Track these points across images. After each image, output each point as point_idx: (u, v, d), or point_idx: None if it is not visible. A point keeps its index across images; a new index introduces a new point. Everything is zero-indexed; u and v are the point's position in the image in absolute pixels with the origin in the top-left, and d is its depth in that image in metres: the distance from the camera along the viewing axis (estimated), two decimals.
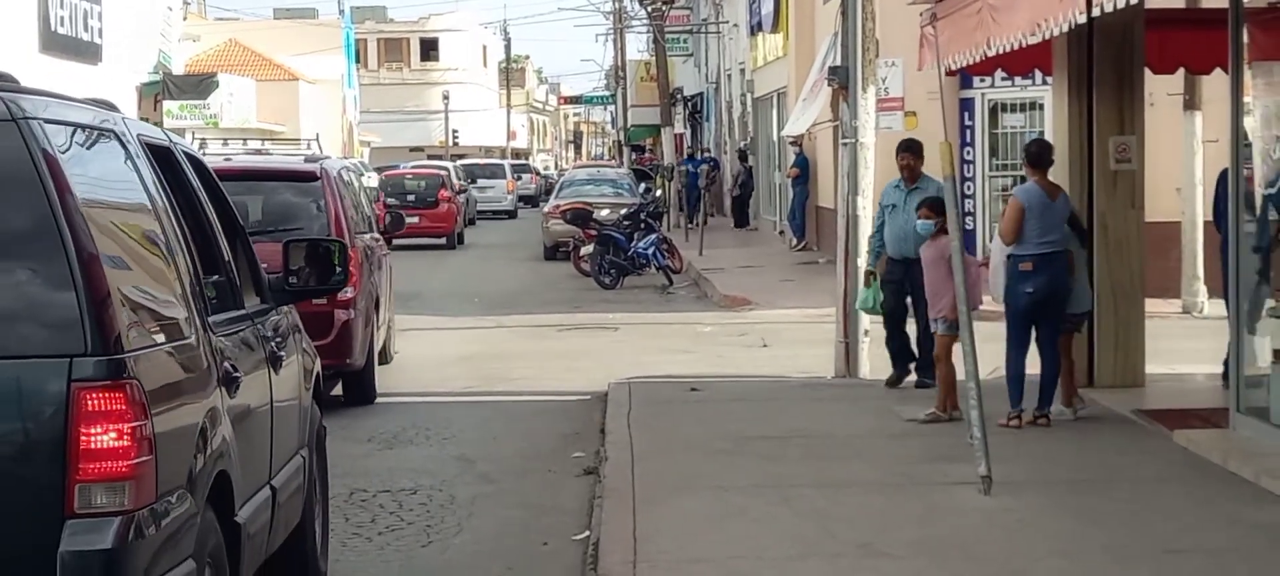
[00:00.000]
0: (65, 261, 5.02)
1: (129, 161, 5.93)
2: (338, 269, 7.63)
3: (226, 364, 6.19)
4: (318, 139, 22.19)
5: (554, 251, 33.14)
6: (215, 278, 6.62)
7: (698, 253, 31.78)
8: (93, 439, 4.96)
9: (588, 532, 9.40)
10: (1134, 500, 9.59)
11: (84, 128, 5.66)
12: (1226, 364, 11.92)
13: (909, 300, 13.79)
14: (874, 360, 14.91)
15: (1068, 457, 10.92)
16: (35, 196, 5.06)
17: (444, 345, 19.06)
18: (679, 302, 24.79)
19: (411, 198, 39.01)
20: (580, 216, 29.11)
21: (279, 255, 7.72)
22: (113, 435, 4.98)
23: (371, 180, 37.88)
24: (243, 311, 6.87)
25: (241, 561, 6.16)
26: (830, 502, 9.56)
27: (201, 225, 6.67)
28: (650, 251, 27.42)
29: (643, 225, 28.43)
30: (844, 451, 11.24)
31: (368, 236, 15.92)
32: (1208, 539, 8.69)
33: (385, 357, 16.64)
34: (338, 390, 14.41)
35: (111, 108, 6.09)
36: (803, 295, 23.23)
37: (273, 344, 7.16)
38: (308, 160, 15.50)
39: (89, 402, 4.96)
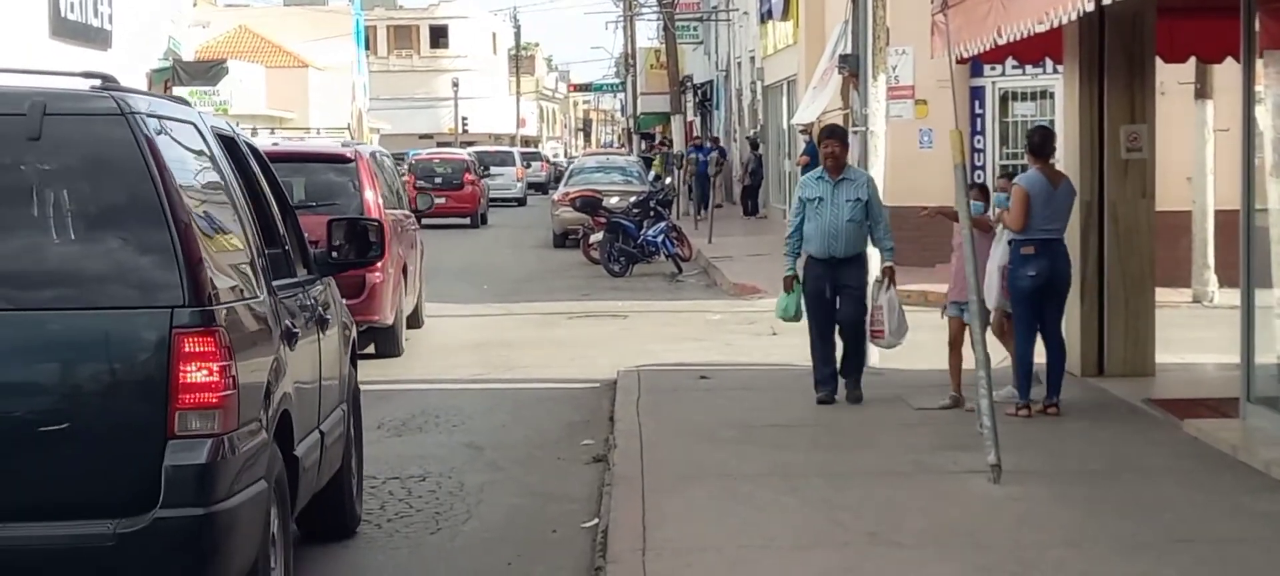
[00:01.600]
0: (166, 230, 6.05)
1: (206, 148, 6.99)
2: (374, 244, 8.56)
3: (287, 321, 7.24)
4: (318, 132, 23.13)
5: (563, 239, 33.13)
6: (273, 249, 7.58)
7: (707, 240, 31.77)
8: (189, 375, 6.00)
9: (597, 520, 9.40)
10: (1143, 489, 9.58)
11: (172, 119, 6.65)
12: None
13: (837, 305, 12.47)
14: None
15: (1077, 447, 10.91)
16: (141, 177, 6.09)
17: (453, 332, 19.06)
18: (688, 290, 24.79)
19: (438, 180, 41.72)
20: (589, 204, 29.09)
21: (319, 227, 8.92)
22: (205, 372, 6.02)
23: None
24: (295, 279, 7.91)
25: (298, 489, 7.31)
26: (838, 491, 9.56)
27: (261, 203, 7.70)
28: (659, 239, 27.40)
29: (652, 213, 28.40)
30: (852, 440, 11.24)
31: (398, 212, 17.81)
32: (1217, 528, 8.69)
33: (416, 321, 18.73)
34: (370, 350, 15.99)
35: (112, 82, 6.55)
36: None
37: (319, 309, 8.19)
38: (344, 144, 18.04)
39: (186, 345, 5.99)
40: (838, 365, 12.58)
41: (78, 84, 6.51)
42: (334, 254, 8.54)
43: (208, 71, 43.48)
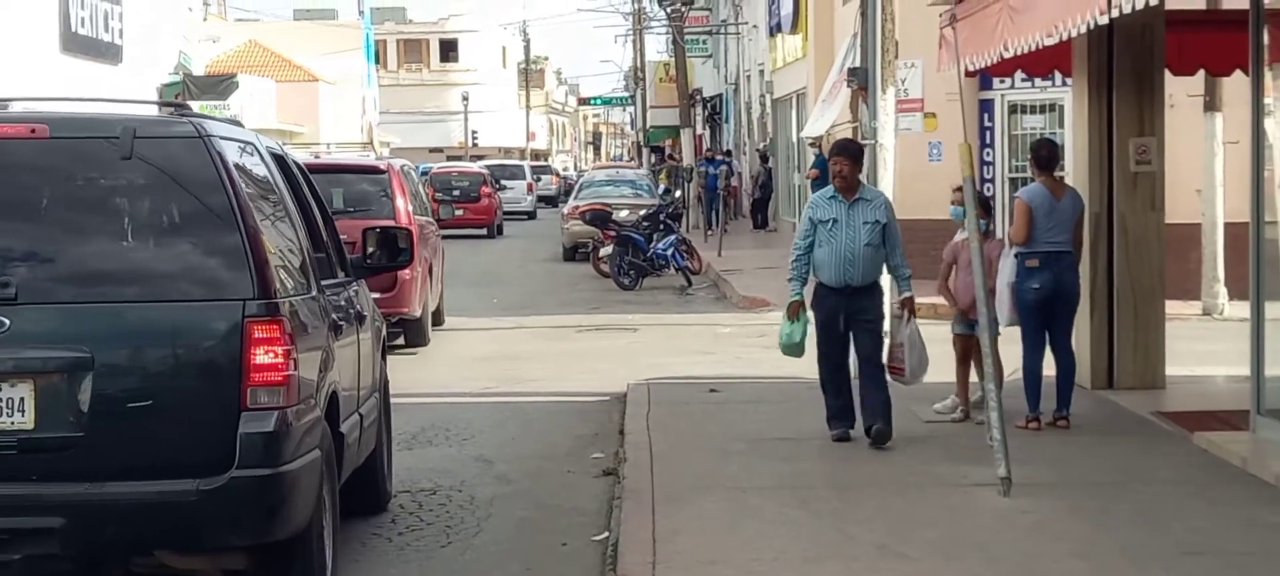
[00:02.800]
0: (238, 234, 7.10)
1: (265, 166, 8.12)
2: (403, 250, 9.54)
3: (332, 315, 8.30)
4: (329, 148, 24.48)
5: (573, 252, 33.15)
6: (318, 253, 8.60)
7: (717, 254, 31.78)
8: (258, 357, 7.02)
9: (607, 533, 9.41)
10: (1152, 502, 9.57)
11: (237, 140, 7.76)
12: None
13: (852, 338, 11.38)
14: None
15: (1086, 459, 10.91)
16: (216, 190, 7.16)
17: (462, 345, 19.09)
18: (698, 304, 24.79)
19: (457, 193, 44.14)
20: (599, 217, 29.09)
21: (354, 229, 10.43)
22: (271, 355, 7.05)
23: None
24: (337, 280, 8.93)
25: (343, 461, 8.31)
26: (848, 504, 9.56)
27: (307, 212, 8.74)
28: (669, 252, 27.42)
29: (662, 226, 28.42)
30: (862, 453, 11.23)
31: (423, 218, 20.14)
32: (1226, 541, 8.68)
33: (439, 319, 20.54)
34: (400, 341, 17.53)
35: (186, 109, 7.85)
36: None
37: (358, 307, 9.26)
38: (377, 159, 21.36)
39: (256, 332, 7.02)
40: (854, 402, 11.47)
41: (157, 111, 7.96)
42: (369, 258, 9.52)
43: (218, 86, 43.60)
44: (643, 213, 30.37)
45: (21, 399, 6.89)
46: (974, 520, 9.11)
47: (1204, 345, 16.34)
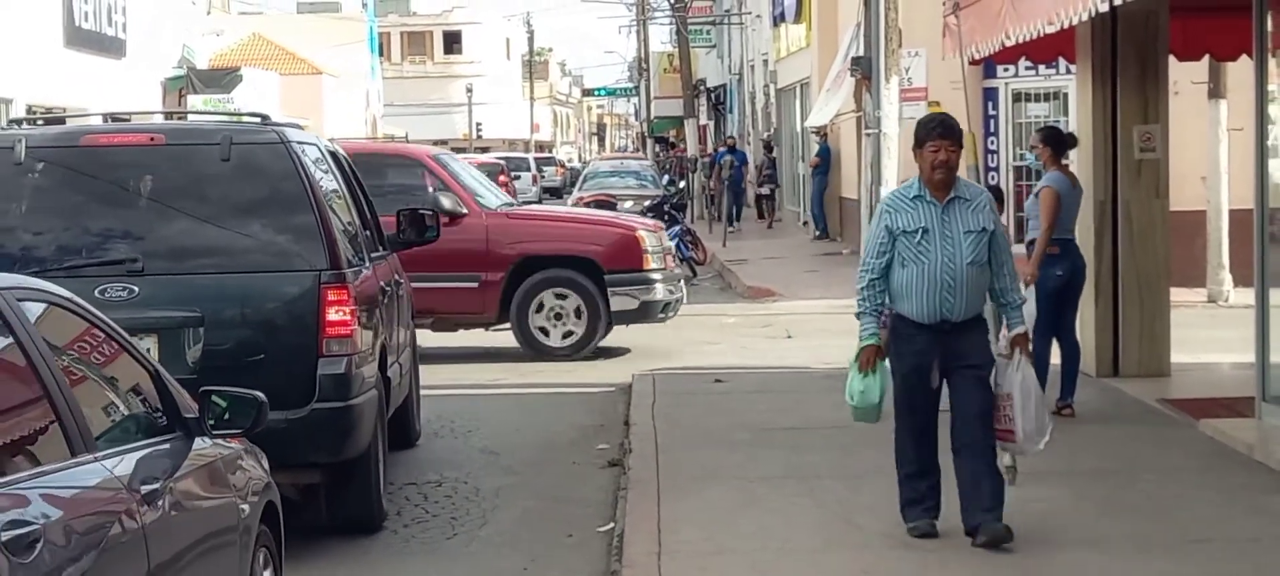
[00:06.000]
0: (313, 217, 8.93)
1: (327, 162, 9.96)
2: (430, 227, 11.68)
3: (380, 281, 10.08)
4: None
5: None
6: (366, 231, 10.40)
7: (721, 244, 31.77)
8: (330, 314, 8.78)
9: (612, 524, 9.41)
10: (1159, 490, 9.57)
11: (306, 142, 9.60)
12: None
13: (947, 392, 8.34)
14: None
15: (1092, 447, 10.90)
16: (296, 184, 9.00)
17: (467, 337, 19.06)
18: (703, 294, 24.77)
19: None
20: (603, 208, 29.07)
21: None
22: (341, 313, 8.80)
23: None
24: (380, 253, 10.66)
25: (389, 401, 10.12)
26: (854, 493, 9.56)
27: (356, 197, 10.52)
28: (674, 243, 27.36)
29: (666, 216, 28.39)
30: (868, 442, 11.17)
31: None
32: (1233, 528, 8.68)
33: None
34: None
35: (268, 119, 9.66)
36: (826, 286, 23.20)
37: (395, 276, 11.02)
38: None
39: (329, 295, 8.80)
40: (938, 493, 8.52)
41: (246, 121, 9.84)
42: (402, 234, 11.56)
43: (222, 79, 43.55)
44: (647, 203, 30.34)
45: (148, 349, 7.69)
46: None
47: (1209, 332, 16.32)
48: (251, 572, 6.04)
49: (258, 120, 9.67)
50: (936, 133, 8.27)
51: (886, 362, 8.31)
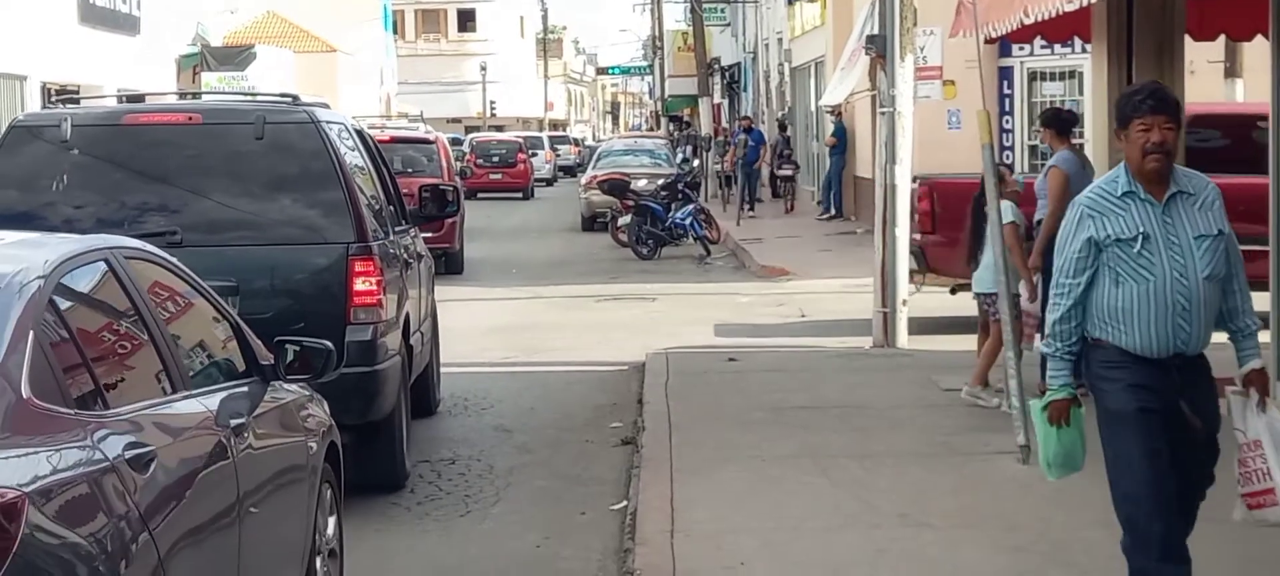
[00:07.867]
0: (342, 192, 9.43)
1: (353, 139, 10.47)
2: (450, 203, 12.20)
3: (403, 254, 10.59)
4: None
5: (592, 222, 33.12)
6: (389, 206, 10.87)
7: (736, 223, 31.74)
8: (358, 284, 9.27)
9: (625, 502, 9.42)
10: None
11: (334, 122, 10.09)
12: None
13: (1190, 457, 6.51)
14: (912, 329, 14.86)
15: None
16: (324, 159, 9.50)
17: (481, 316, 19.08)
18: (716, 273, 24.77)
19: (496, 159, 50.46)
20: (617, 187, 29.07)
21: (413, 186, 13.03)
22: (368, 283, 9.31)
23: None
24: (403, 227, 11.18)
25: (412, 368, 10.66)
26: (868, 473, 9.55)
27: (381, 175, 11.01)
28: (687, 222, 27.38)
29: (680, 195, 28.38)
30: (882, 422, 11.21)
31: (458, 179, 26.36)
32: None
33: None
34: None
35: (298, 100, 10.07)
36: (841, 265, 23.16)
37: (416, 248, 11.57)
38: (426, 131, 27.29)
39: (356, 266, 9.29)
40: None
41: (279, 102, 10.16)
42: (424, 209, 12.13)
43: (236, 57, 43.59)
44: (661, 182, 30.32)
45: None
46: (994, 488, 9.10)
47: None
48: (318, 504, 6.69)
49: (288, 100, 10.09)
50: (1148, 107, 6.30)
51: (1082, 410, 6.43)
